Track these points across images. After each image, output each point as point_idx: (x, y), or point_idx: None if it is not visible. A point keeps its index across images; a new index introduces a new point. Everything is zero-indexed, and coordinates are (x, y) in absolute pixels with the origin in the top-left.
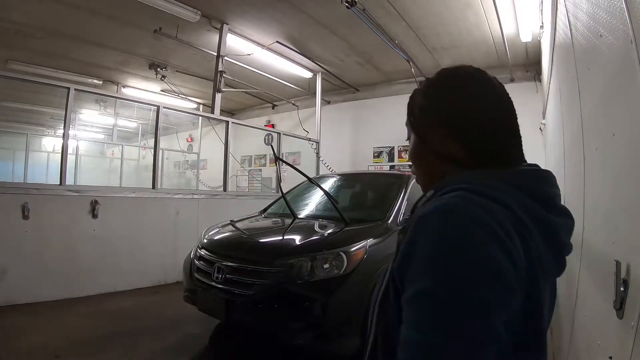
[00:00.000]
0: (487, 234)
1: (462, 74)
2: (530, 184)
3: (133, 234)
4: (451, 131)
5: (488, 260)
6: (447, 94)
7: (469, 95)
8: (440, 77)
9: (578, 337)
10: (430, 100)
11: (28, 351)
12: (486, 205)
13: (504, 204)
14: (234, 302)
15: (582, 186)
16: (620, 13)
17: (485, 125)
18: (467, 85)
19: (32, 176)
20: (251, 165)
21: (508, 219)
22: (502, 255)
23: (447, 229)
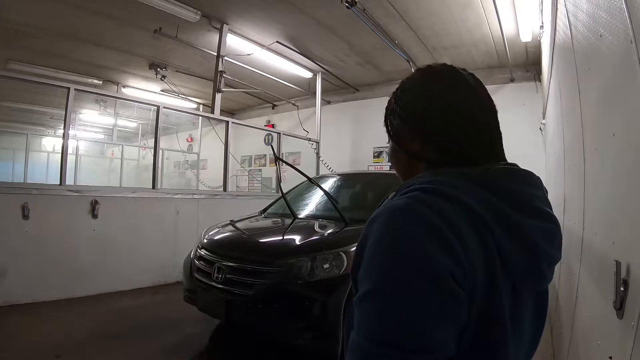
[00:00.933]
0: (426, 233)
1: (429, 73)
2: (499, 182)
3: (133, 233)
4: (419, 132)
5: (423, 260)
6: (413, 95)
7: (435, 95)
8: (409, 79)
9: (578, 337)
10: (399, 102)
11: (28, 351)
12: (437, 205)
13: (461, 203)
14: (233, 302)
15: (582, 186)
16: (620, 13)
17: (453, 124)
18: (432, 85)
19: (32, 176)
20: (251, 165)
21: (463, 218)
22: (442, 255)
23: (388, 230)
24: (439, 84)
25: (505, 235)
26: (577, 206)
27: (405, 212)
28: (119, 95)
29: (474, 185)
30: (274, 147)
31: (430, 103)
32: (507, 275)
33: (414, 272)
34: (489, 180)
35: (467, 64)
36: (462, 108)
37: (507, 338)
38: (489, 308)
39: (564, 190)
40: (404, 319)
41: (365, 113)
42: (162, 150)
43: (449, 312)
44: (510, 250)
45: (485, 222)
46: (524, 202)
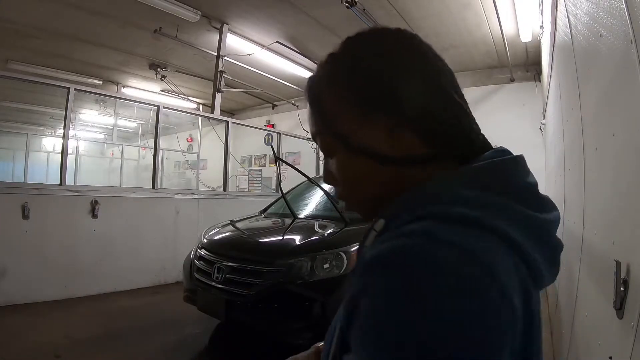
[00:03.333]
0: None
1: (385, 35)
2: (512, 180)
3: (133, 234)
4: (400, 118)
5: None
6: (378, 66)
7: (409, 63)
8: (356, 46)
9: (578, 337)
10: (353, 81)
11: (28, 351)
12: (478, 246)
13: (491, 228)
14: (233, 302)
15: (582, 186)
16: (620, 13)
17: (439, 100)
18: (400, 48)
19: (32, 176)
20: (251, 165)
21: (500, 253)
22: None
23: (404, 289)
24: (410, 48)
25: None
26: (577, 206)
27: (424, 260)
28: (119, 95)
29: (494, 194)
30: (274, 147)
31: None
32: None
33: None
34: (503, 179)
35: (467, 64)
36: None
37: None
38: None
39: (564, 190)
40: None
41: None
42: (162, 150)
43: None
44: (541, 261)
45: (520, 248)
46: (534, 197)
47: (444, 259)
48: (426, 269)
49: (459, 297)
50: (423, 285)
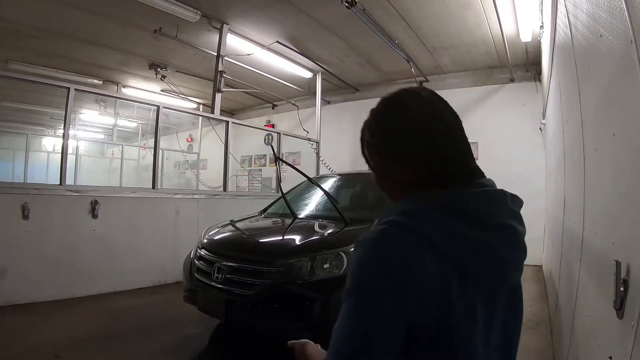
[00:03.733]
0: (392, 268)
1: (396, 106)
2: (468, 205)
3: (133, 234)
4: (397, 163)
5: (375, 290)
6: (385, 130)
7: (405, 129)
8: (379, 111)
9: (578, 337)
10: (374, 134)
11: (28, 351)
12: (402, 243)
13: (425, 237)
14: (233, 302)
15: (582, 186)
16: (620, 13)
17: (426, 152)
18: (402, 117)
19: (32, 176)
20: (251, 165)
21: (426, 252)
22: (392, 284)
23: (361, 260)
24: (407, 116)
25: (469, 255)
26: (577, 206)
27: (374, 247)
28: (119, 95)
29: (442, 213)
30: (274, 147)
31: (402, 137)
32: (474, 288)
33: (368, 295)
34: (458, 204)
35: (467, 64)
36: (431, 135)
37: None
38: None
39: (564, 190)
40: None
41: (365, 113)
42: (162, 150)
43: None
44: (474, 267)
45: (446, 252)
46: (489, 220)
47: (379, 246)
48: (370, 250)
49: (375, 266)
50: (365, 256)
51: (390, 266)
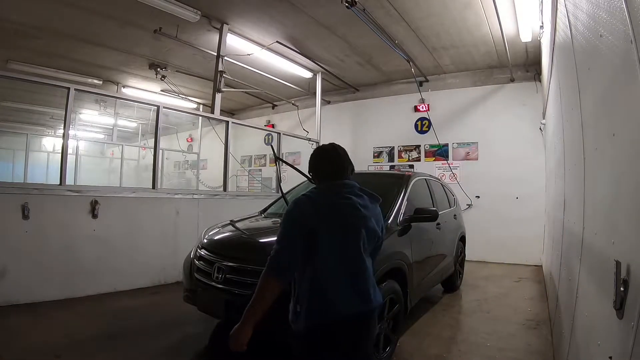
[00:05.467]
0: (297, 208)
1: (315, 151)
2: (331, 187)
3: (133, 234)
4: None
5: (292, 217)
6: (311, 159)
7: (316, 161)
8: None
9: (578, 337)
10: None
11: (28, 351)
12: (304, 198)
13: (311, 199)
14: (233, 302)
15: (582, 186)
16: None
17: (323, 170)
18: (314, 155)
19: (32, 176)
20: (251, 165)
21: (310, 203)
22: (298, 215)
23: (288, 206)
24: (315, 156)
25: (327, 205)
26: (577, 206)
27: (297, 201)
28: (119, 95)
29: (322, 191)
30: (274, 147)
31: (314, 163)
32: (331, 220)
33: (288, 220)
34: (330, 188)
35: (467, 64)
36: (325, 163)
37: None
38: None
39: (564, 190)
40: (284, 235)
41: (365, 113)
42: (162, 150)
43: (298, 234)
44: (330, 211)
45: (318, 202)
46: (341, 194)
47: (296, 201)
48: (294, 204)
49: (287, 210)
50: (289, 208)
51: (294, 210)
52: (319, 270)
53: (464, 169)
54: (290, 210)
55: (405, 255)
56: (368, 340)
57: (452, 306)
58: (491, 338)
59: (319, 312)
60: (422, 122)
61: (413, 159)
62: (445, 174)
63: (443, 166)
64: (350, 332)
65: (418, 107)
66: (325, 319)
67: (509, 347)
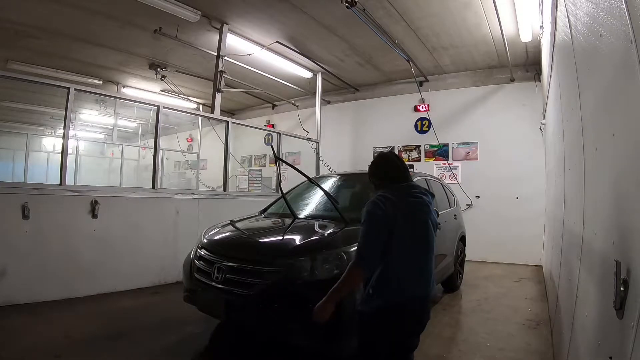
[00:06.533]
0: (377, 207)
1: (377, 158)
2: (401, 188)
3: (133, 234)
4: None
5: (374, 214)
6: (373, 166)
7: (378, 164)
8: (373, 161)
9: (578, 337)
10: (370, 168)
11: (28, 351)
12: (381, 198)
13: (387, 197)
14: (233, 302)
15: (582, 186)
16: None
17: (388, 173)
18: (377, 161)
19: (32, 176)
20: (251, 165)
21: (388, 201)
22: (380, 213)
23: (368, 207)
24: (379, 162)
25: (402, 204)
26: (577, 206)
27: (374, 201)
28: (119, 95)
29: (393, 191)
30: (274, 147)
31: (382, 168)
32: (406, 216)
33: (371, 218)
34: (399, 189)
35: (467, 64)
36: (392, 167)
37: (405, 240)
38: (394, 227)
39: (564, 190)
40: (369, 232)
41: (365, 113)
42: (162, 150)
43: (382, 230)
44: (404, 208)
45: (394, 202)
46: (410, 194)
47: (373, 202)
48: (369, 204)
49: (369, 209)
50: (368, 207)
51: (376, 209)
52: (395, 260)
53: (464, 169)
54: (371, 209)
55: None
56: (427, 319)
57: (452, 306)
58: (491, 338)
59: (393, 292)
60: (422, 122)
61: (413, 159)
62: (445, 174)
63: (443, 166)
64: (416, 310)
65: (418, 107)
66: (400, 298)
67: (509, 347)
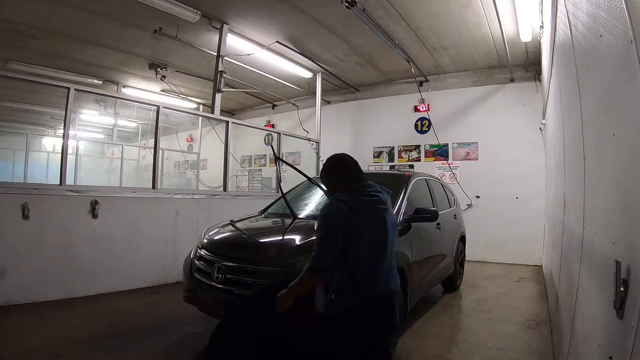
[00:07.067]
0: (333, 211)
1: (329, 159)
2: (355, 189)
3: (133, 234)
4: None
5: (329, 220)
6: (326, 168)
7: (332, 166)
8: (325, 163)
9: (578, 337)
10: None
11: (28, 351)
12: (338, 201)
13: (343, 200)
14: (233, 302)
15: (582, 186)
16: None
17: (349, 173)
18: (330, 163)
19: (32, 176)
20: (251, 165)
21: (344, 204)
22: (336, 218)
23: (325, 211)
24: (333, 164)
25: (359, 204)
26: (577, 206)
27: (329, 205)
28: (119, 95)
29: (349, 192)
30: (274, 147)
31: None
32: (364, 217)
33: (326, 223)
34: (355, 189)
35: (467, 64)
36: (348, 168)
37: (362, 242)
38: (352, 231)
39: (564, 190)
40: (324, 238)
41: (365, 113)
42: (162, 150)
43: (339, 234)
44: (362, 209)
45: (350, 203)
46: (366, 193)
47: (329, 206)
48: (326, 209)
49: (326, 215)
50: (323, 212)
51: (332, 214)
52: (354, 261)
53: (464, 169)
54: (326, 214)
55: (405, 255)
56: (396, 314)
57: (452, 306)
58: (491, 338)
59: (355, 293)
60: (422, 122)
61: (413, 159)
62: (445, 174)
63: (443, 166)
64: (381, 308)
65: (418, 107)
66: (363, 298)
67: (509, 347)
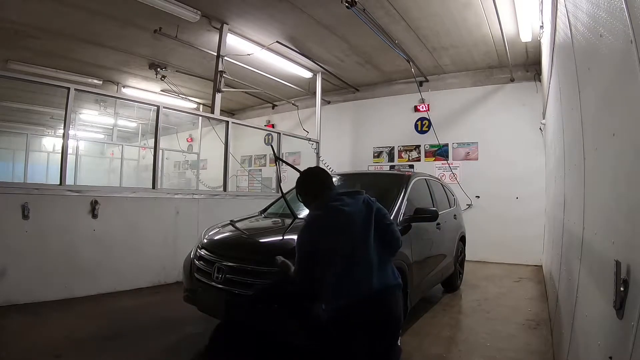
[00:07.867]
0: (305, 233)
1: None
2: (330, 197)
3: (133, 234)
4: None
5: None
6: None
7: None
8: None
9: (578, 337)
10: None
11: (28, 351)
12: (311, 220)
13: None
14: (233, 302)
15: (582, 186)
16: (620, 13)
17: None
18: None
19: (32, 176)
20: (251, 165)
21: (318, 220)
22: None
23: (299, 235)
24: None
25: (334, 213)
26: (577, 206)
27: (303, 228)
28: (119, 95)
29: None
30: (274, 147)
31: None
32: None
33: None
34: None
35: (467, 64)
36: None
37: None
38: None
39: (564, 190)
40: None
41: (365, 113)
42: (162, 150)
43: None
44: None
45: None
46: (343, 201)
47: (303, 229)
48: (306, 222)
49: (305, 228)
50: (299, 234)
51: (305, 237)
52: (338, 271)
53: (464, 169)
54: (301, 238)
55: (405, 255)
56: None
57: (452, 306)
58: (491, 338)
59: (344, 298)
60: (422, 122)
61: (413, 159)
62: (445, 174)
63: (443, 166)
64: (373, 307)
65: (418, 107)
66: (352, 300)
67: (509, 347)
